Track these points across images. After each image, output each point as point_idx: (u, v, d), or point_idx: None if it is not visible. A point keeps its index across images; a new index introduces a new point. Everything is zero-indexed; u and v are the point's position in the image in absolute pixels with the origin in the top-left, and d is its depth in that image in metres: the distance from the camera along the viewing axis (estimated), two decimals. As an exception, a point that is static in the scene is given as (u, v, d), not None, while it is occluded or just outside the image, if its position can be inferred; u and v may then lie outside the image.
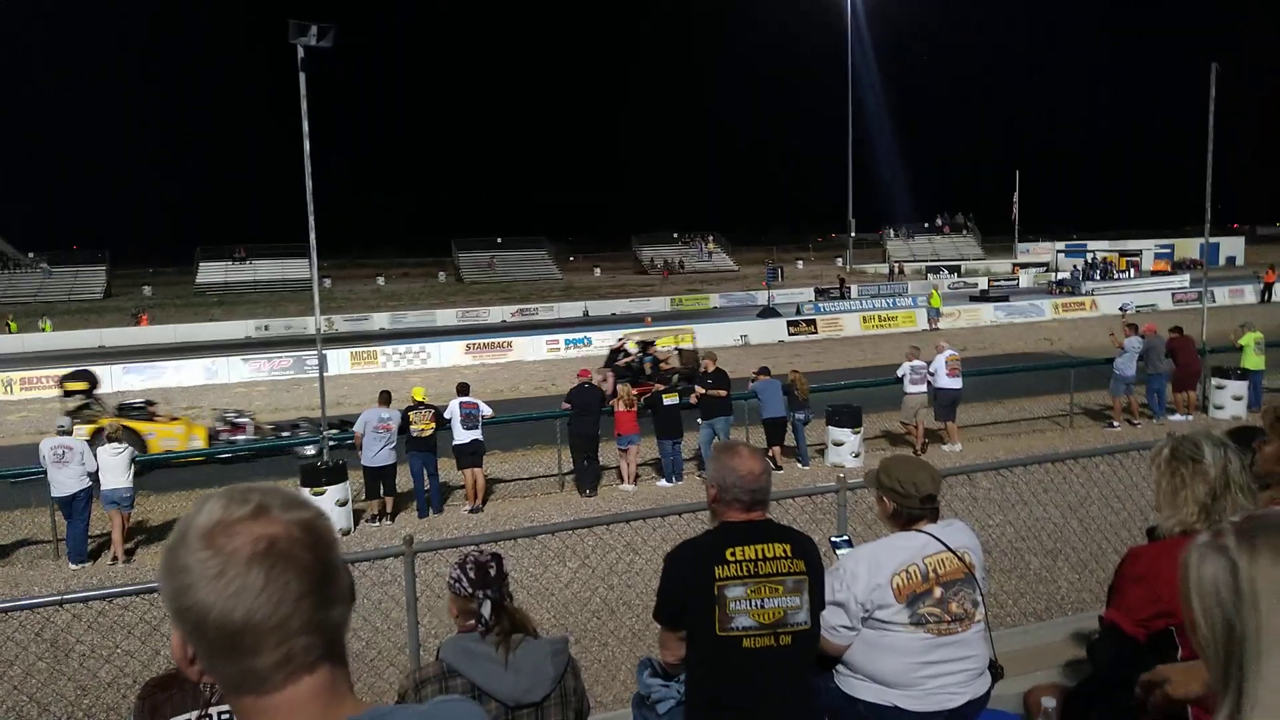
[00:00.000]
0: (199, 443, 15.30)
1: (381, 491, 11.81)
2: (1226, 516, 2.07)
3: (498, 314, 45.19)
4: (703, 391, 13.09)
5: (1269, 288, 37.03)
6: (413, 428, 11.82)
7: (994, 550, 8.55)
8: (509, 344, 30.17)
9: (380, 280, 60.80)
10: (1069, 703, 2.47)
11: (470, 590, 2.51)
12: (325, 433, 11.77)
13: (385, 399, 12.12)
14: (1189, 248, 50.82)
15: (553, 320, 42.83)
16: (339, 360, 27.54)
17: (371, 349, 29.37)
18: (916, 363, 14.25)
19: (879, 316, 34.33)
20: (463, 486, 12.36)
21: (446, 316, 44.37)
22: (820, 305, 38.86)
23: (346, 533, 11.29)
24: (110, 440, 10.89)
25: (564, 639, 2.64)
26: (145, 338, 38.94)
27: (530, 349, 29.83)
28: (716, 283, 56.02)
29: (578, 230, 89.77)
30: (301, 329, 39.00)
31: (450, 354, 29.15)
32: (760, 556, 2.61)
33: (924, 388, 14.10)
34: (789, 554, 2.65)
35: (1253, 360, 15.65)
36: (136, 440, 13.67)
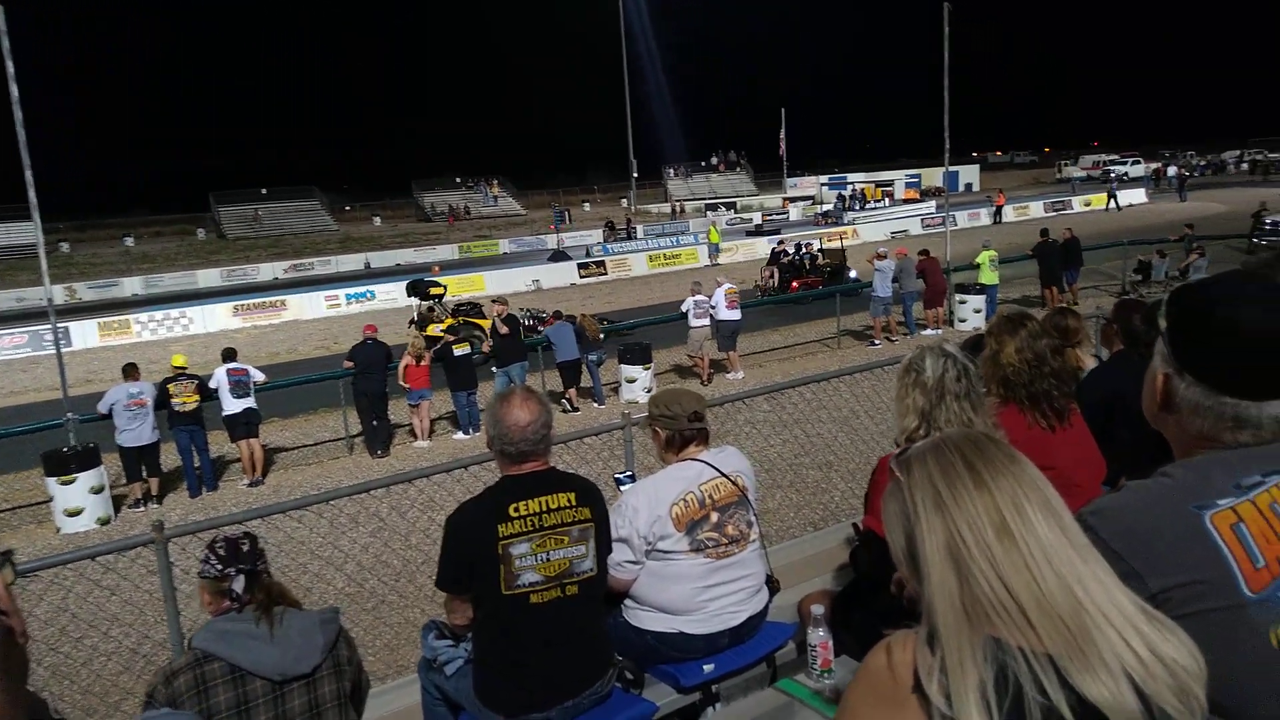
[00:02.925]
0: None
1: (144, 473, 10.76)
2: (942, 423, 2.25)
3: (268, 271, 42.03)
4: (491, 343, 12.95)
5: (1000, 210, 41.39)
6: (174, 401, 10.80)
7: (777, 468, 9.11)
8: (283, 303, 28.16)
9: (129, 241, 54.81)
10: (835, 606, 2.64)
11: (221, 569, 2.31)
12: (69, 415, 10.49)
13: (132, 372, 10.95)
14: (934, 176, 55.59)
15: (331, 275, 40.41)
16: (85, 333, 24.68)
17: (123, 317, 26.46)
18: (699, 297, 14.77)
19: (664, 255, 35.14)
20: (239, 460, 11.52)
21: (209, 277, 40.71)
22: (609, 247, 39.22)
23: (106, 521, 10.24)
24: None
25: (334, 608, 2.50)
26: None
27: (308, 307, 28.02)
28: (505, 228, 55.06)
29: (352, 178, 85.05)
30: (38, 300, 34.47)
31: (217, 318, 26.84)
32: (544, 509, 2.58)
33: (707, 321, 14.67)
34: (573, 503, 2.63)
35: (988, 276, 17.59)
36: (479, 331, 16.40)
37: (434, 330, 16.07)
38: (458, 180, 68.04)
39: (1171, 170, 54.43)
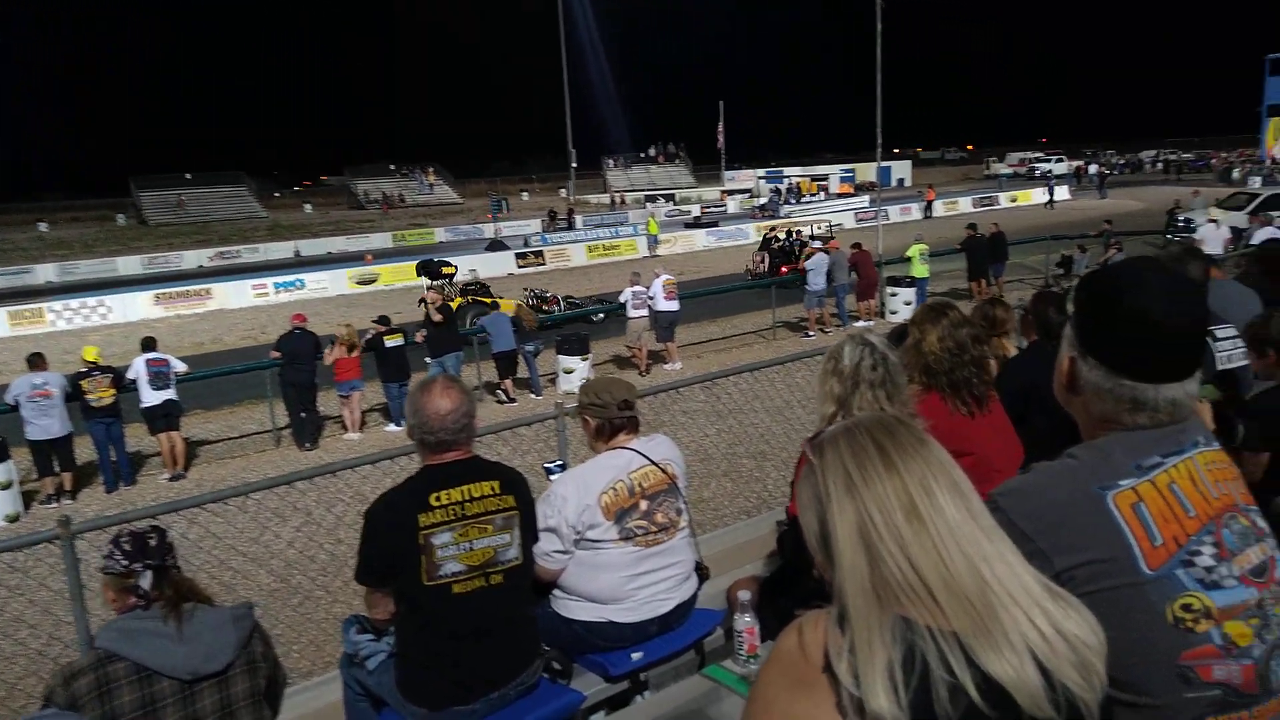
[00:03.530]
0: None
1: (56, 467, 10.31)
2: (856, 410, 2.28)
3: (193, 259, 40.67)
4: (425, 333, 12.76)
5: (930, 205, 42.31)
6: (87, 396, 10.35)
7: (712, 458, 9.17)
8: (208, 291, 27.27)
9: (43, 226, 52.63)
10: (762, 591, 2.66)
11: (127, 565, 2.21)
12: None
13: (38, 362, 10.45)
14: (868, 172, 56.55)
15: (259, 263, 39.26)
16: (-7, 321, 23.61)
17: (37, 306, 25.35)
18: (637, 288, 14.77)
19: (603, 245, 35.06)
20: (159, 453, 11.14)
21: (130, 264, 39.19)
22: (547, 236, 38.97)
23: (15, 518, 9.80)
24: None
25: (248, 604, 2.42)
26: None
27: (234, 295, 27.18)
28: (440, 216, 54.27)
29: (283, 164, 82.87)
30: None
31: (137, 306, 25.86)
32: (467, 498, 2.53)
33: (645, 312, 14.67)
34: (497, 490, 2.60)
35: (919, 269, 17.99)
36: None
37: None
38: (392, 168, 66.89)
39: (1093, 168, 56.32)
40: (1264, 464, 2.99)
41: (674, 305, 14.85)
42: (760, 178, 55.18)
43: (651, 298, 14.65)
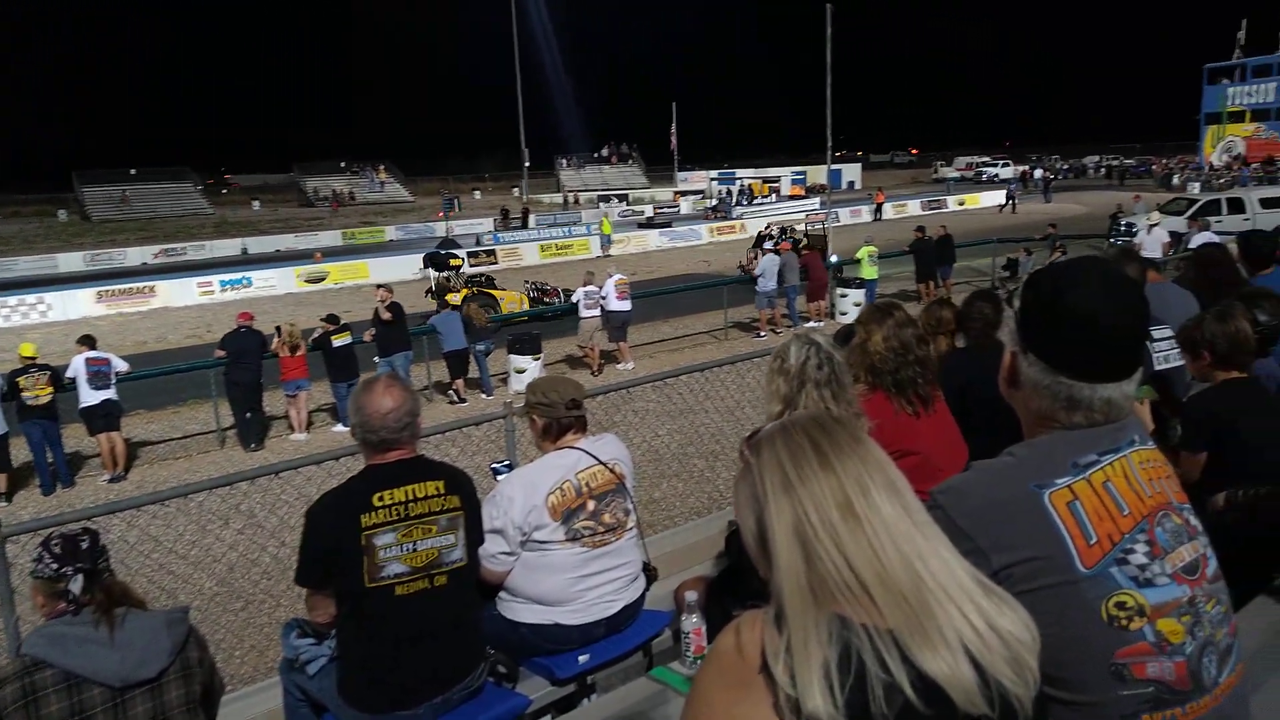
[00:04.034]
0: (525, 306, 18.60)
1: (-10, 468, 9.98)
2: (801, 409, 2.29)
3: (136, 255, 39.59)
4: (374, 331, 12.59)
5: (880, 208, 42.91)
6: (24, 394, 10.01)
7: (664, 458, 9.18)
8: (152, 289, 26.56)
9: (-21, 221, 50.79)
10: (710, 593, 2.65)
11: (57, 568, 2.14)
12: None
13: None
14: (819, 174, 57.15)
15: (205, 260, 38.36)
16: (-73, 319, 22.75)
17: (-28, 303, 24.53)
18: (590, 288, 14.72)
19: (556, 245, 34.91)
20: (99, 454, 10.81)
21: (71, 261, 37.99)
22: (500, 235, 38.70)
23: (-56, 523, 9.43)
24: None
25: (183, 608, 2.35)
26: None
27: (178, 293, 26.51)
28: (392, 214, 53.53)
29: (230, 160, 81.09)
30: None
31: (79, 304, 25.09)
32: (411, 498, 2.49)
33: (598, 311, 14.63)
34: (441, 491, 2.55)
35: (868, 271, 18.22)
36: (492, 302, 17.70)
37: (452, 299, 16.86)
38: (343, 165, 65.82)
39: (1038, 173, 57.60)
40: (1200, 464, 3.06)
41: (626, 305, 14.84)
42: (713, 179, 55.41)
43: (604, 297, 14.61)
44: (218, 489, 4.69)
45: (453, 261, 19.89)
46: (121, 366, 10.90)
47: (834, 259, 22.00)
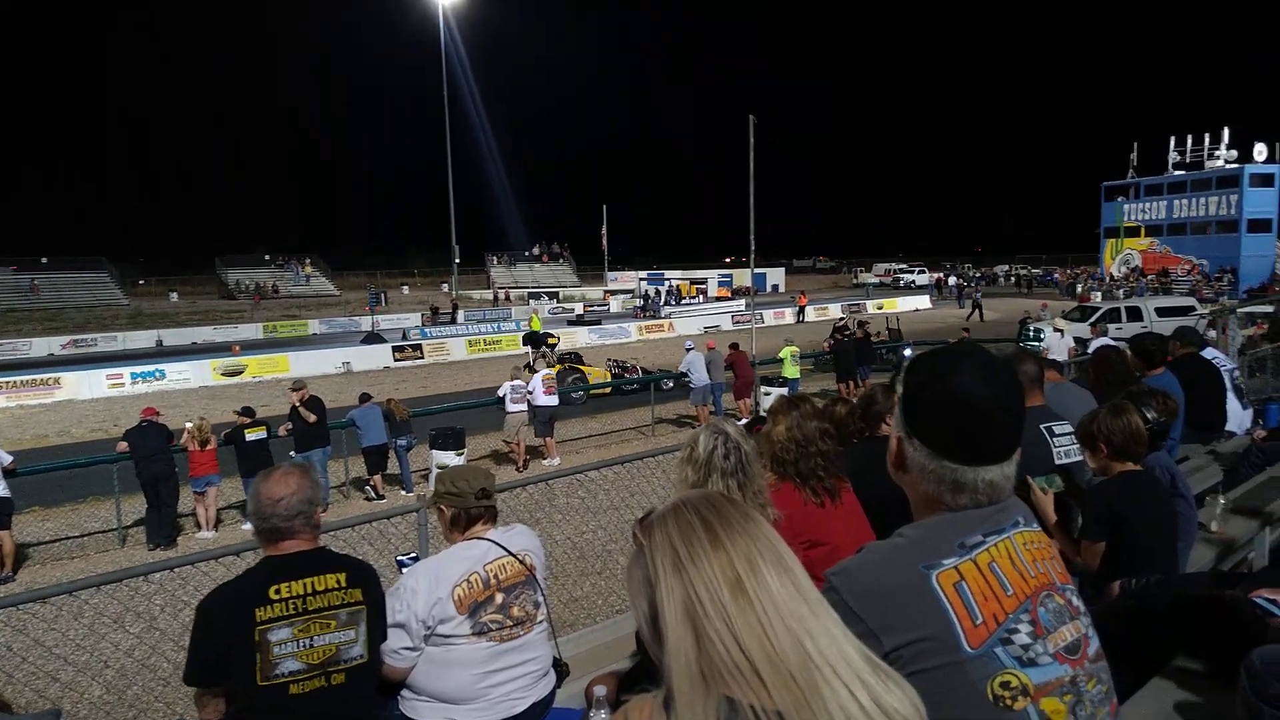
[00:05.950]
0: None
1: None
2: None
3: (43, 346, 38.09)
4: (290, 425, 12.24)
5: (802, 310, 44.28)
6: (-95, 488, 9.39)
7: (587, 555, 9.03)
8: (57, 380, 25.44)
9: None
10: (620, 687, 2.58)
11: None
12: None
13: None
14: (744, 277, 58.77)
15: (116, 352, 37.12)
16: None
17: None
18: (516, 383, 14.67)
19: (484, 340, 34.83)
20: (-16, 554, 10.11)
21: (-32, 351, 36.41)
22: (427, 330, 38.46)
23: None
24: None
25: (54, 710, 2.19)
26: None
27: (85, 385, 25.46)
28: (317, 308, 52.84)
29: (149, 250, 79.45)
30: None
31: (-25, 396, 23.92)
32: (310, 591, 2.39)
33: (524, 406, 14.55)
34: (343, 584, 2.46)
35: (790, 370, 18.67)
36: (581, 376, 20.73)
37: (545, 374, 18.03)
38: (266, 257, 65.12)
39: (952, 280, 60.35)
40: (1100, 553, 3.15)
41: (553, 400, 14.82)
42: (642, 279, 56.52)
43: (530, 392, 14.57)
44: (107, 585, 4.42)
45: (550, 340, 22.93)
46: (6, 459, 10.29)
47: (907, 351, 22.37)
